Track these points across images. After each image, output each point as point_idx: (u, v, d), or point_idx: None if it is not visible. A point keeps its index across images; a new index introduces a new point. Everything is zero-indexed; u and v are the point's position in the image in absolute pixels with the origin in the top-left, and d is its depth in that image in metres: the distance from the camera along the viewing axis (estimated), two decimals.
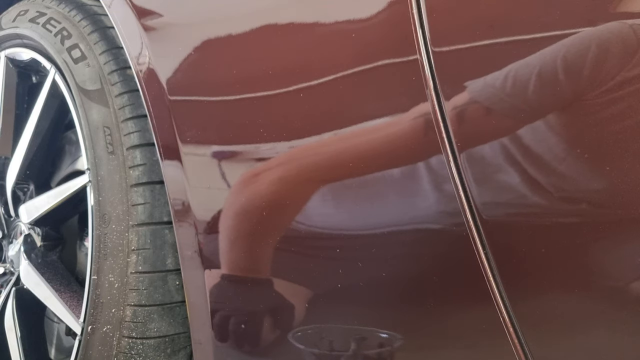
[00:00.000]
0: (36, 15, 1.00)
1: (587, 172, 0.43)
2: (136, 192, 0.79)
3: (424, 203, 0.52)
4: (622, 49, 0.41)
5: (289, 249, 0.62)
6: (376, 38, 0.53)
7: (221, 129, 0.68)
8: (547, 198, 0.45)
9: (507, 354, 0.48)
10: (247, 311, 0.67)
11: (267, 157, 0.63)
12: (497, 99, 0.46)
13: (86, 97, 0.86)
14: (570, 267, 0.45)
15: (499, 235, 0.47)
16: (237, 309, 0.68)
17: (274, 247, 0.63)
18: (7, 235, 1.16)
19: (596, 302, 0.45)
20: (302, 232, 0.60)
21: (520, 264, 0.47)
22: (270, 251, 0.64)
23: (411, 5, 0.50)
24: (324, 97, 0.58)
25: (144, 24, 0.77)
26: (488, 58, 0.46)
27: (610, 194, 0.42)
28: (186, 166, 0.71)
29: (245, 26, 0.65)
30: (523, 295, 0.48)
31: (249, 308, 0.67)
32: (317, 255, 0.59)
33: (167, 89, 0.73)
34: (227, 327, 0.70)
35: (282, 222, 0.62)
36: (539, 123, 0.44)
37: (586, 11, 0.42)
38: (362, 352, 0.58)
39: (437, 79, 0.49)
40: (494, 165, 0.47)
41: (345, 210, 0.57)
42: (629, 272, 0.42)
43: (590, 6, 0.42)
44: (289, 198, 0.61)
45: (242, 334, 0.68)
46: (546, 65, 0.44)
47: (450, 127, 0.48)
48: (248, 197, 0.65)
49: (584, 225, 0.44)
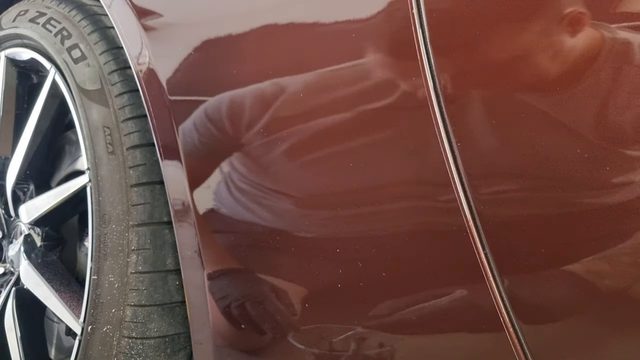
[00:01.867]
0: (36, 15, 1.00)
1: (587, 172, 0.43)
2: (136, 192, 0.79)
3: (424, 202, 0.52)
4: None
5: (289, 249, 0.62)
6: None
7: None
8: (547, 197, 0.45)
9: (507, 354, 0.48)
10: (247, 311, 0.67)
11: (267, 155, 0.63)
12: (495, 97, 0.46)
13: (86, 97, 0.86)
14: (570, 266, 0.45)
15: (499, 235, 0.47)
16: (238, 309, 0.68)
17: (275, 248, 0.63)
18: (7, 235, 1.16)
19: (596, 301, 0.45)
20: (303, 232, 0.60)
21: (519, 264, 0.47)
22: (271, 251, 0.64)
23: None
24: (325, 98, 0.58)
25: (144, 24, 0.77)
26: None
27: (609, 194, 0.42)
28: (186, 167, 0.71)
29: (245, 26, 0.65)
30: (523, 294, 0.48)
31: (249, 308, 0.67)
32: (317, 255, 0.59)
33: (167, 89, 0.73)
34: (227, 327, 0.70)
35: (282, 223, 0.62)
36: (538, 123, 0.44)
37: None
38: (361, 352, 0.58)
39: (437, 80, 0.49)
40: (495, 164, 0.47)
41: (345, 212, 0.57)
42: (630, 271, 0.42)
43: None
44: (290, 198, 0.61)
45: (242, 334, 0.68)
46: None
47: (449, 124, 0.48)
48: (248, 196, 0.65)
49: (584, 225, 0.44)
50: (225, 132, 0.68)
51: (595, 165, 0.42)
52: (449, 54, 0.48)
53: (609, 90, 0.42)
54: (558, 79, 0.43)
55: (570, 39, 0.43)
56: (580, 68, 0.43)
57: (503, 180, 0.47)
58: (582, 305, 0.45)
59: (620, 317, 0.44)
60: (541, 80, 0.44)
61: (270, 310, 0.64)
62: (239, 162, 0.66)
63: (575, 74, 0.43)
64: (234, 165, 0.66)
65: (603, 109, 0.42)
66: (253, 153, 0.64)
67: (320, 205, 0.59)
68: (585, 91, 0.42)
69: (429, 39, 0.49)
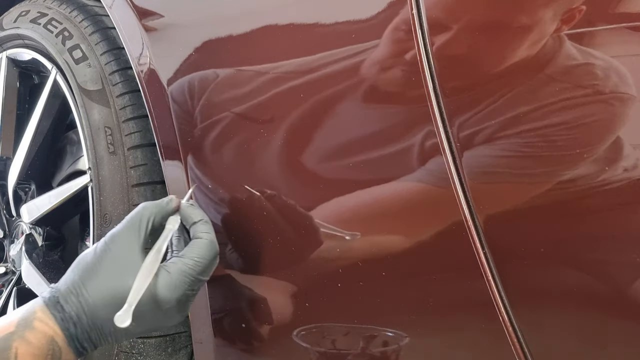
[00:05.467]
0: (37, 16, 1.01)
1: (586, 172, 0.43)
2: (137, 192, 0.80)
3: (424, 202, 0.52)
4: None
5: (289, 249, 0.62)
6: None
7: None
8: (547, 197, 0.45)
9: (506, 354, 0.48)
10: (247, 310, 0.67)
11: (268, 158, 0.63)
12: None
13: (87, 98, 0.86)
14: (570, 266, 0.45)
15: (498, 235, 0.48)
16: (238, 308, 0.68)
17: (274, 246, 0.63)
18: (8, 235, 1.16)
19: (596, 301, 0.45)
20: (303, 231, 0.60)
21: (519, 263, 0.47)
22: (271, 250, 0.64)
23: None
24: (325, 98, 0.58)
25: (145, 25, 0.78)
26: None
27: (609, 193, 0.42)
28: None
29: (245, 26, 0.65)
30: (522, 294, 0.48)
31: (249, 307, 0.67)
32: (317, 255, 0.59)
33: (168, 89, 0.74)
34: (228, 327, 0.70)
35: (282, 222, 0.62)
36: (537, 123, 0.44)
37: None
38: (363, 352, 0.58)
39: (436, 80, 0.49)
40: (494, 164, 0.47)
41: (345, 211, 0.57)
42: (630, 271, 0.42)
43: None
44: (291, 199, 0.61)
45: (243, 333, 0.68)
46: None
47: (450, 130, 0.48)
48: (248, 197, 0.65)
49: (584, 224, 0.44)
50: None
51: (595, 164, 0.43)
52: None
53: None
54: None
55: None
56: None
57: (503, 178, 0.47)
58: (583, 305, 0.45)
59: (620, 316, 0.44)
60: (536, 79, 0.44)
61: (270, 309, 0.64)
62: (239, 161, 0.66)
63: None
64: (233, 164, 0.67)
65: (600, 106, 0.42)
66: (253, 152, 0.65)
67: (320, 205, 0.59)
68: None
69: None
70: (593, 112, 0.42)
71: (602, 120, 0.42)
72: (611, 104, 0.42)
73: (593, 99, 0.42)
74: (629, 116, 0.41)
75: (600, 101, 0.42)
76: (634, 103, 0.41)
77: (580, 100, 0.43)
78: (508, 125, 0.45)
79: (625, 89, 0.41)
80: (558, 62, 0.43)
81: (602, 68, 0.41)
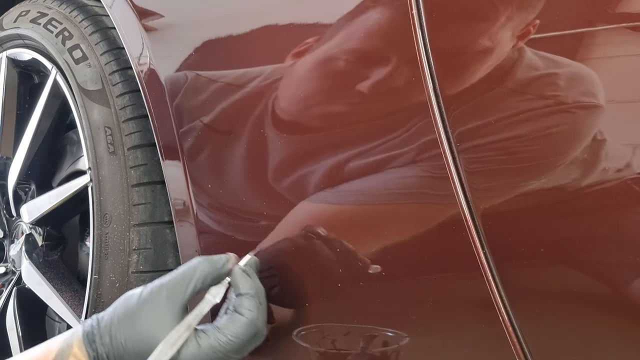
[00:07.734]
0: (37, 16, 1.01)
1: (586, 171, 0.43)
2: (137, 192, 0.80)
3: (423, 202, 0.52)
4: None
5: (289, 248, 0.62)
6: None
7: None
8: (547, 196, 0.45)
9: (506, 354, 0.48)
10: None
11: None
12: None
13: (87, 98, 0.86)
14: (570, 266, 0.45)
15: (498, 234, 0.48)
16: None
17: (274, 247, 0.63)
18: (8, 235, 1.16)
19: (597, 301, 0.45)
20: (302, 230, 0.60)
21: (519, 263, 0.47)
22: (271, 250, 0.64)
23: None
24: (326, 98, 0.58)
25: (145, 25, 0.78)
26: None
27: (608, 192, 0.42)
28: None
29: (245, 26, 0.65)
30: (522, 294, 0.48)
31: None
32: (317, 254, 0.59)
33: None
34: None
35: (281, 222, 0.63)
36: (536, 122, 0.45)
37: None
38: (363, 352, 0.58)
39: (436, 80, 0.49)
40: (494, 162, 0.47)
41: (346, 210, 0.57)
42: (630, 271, 0.42)
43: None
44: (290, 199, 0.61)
45: None
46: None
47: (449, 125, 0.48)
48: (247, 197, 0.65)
49: (584, 224, 0.45)
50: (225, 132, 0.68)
51: (594, 164, 0.43)
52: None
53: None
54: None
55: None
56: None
57: (502, 178, 0.47)
58: (583, 305, 0.45)
59: (620, 316, 0.44)
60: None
61: (270, 309, 0.64)
62: (238, 160, 0.66)
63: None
64: (233, 164, 0.67)
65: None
66: (253, 152, 0.65)
67: (319, 206, 0.59)
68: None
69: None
70: (593, 111, 0.42)
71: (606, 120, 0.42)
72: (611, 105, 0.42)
73: (593, 99, 0.42)
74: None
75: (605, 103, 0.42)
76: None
77: (581, 101, 0.43)
78: (508, 124, 0.45)
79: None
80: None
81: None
